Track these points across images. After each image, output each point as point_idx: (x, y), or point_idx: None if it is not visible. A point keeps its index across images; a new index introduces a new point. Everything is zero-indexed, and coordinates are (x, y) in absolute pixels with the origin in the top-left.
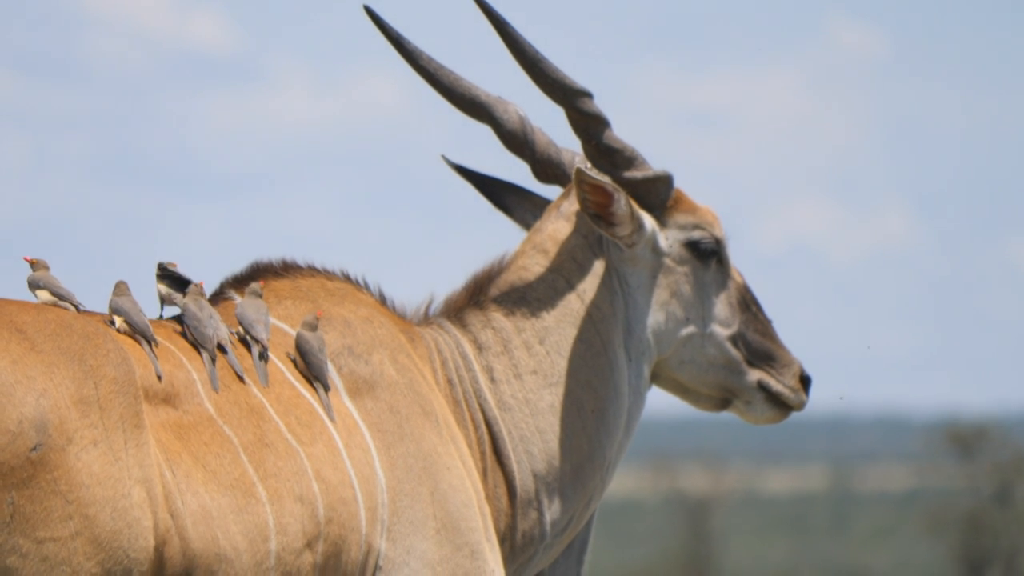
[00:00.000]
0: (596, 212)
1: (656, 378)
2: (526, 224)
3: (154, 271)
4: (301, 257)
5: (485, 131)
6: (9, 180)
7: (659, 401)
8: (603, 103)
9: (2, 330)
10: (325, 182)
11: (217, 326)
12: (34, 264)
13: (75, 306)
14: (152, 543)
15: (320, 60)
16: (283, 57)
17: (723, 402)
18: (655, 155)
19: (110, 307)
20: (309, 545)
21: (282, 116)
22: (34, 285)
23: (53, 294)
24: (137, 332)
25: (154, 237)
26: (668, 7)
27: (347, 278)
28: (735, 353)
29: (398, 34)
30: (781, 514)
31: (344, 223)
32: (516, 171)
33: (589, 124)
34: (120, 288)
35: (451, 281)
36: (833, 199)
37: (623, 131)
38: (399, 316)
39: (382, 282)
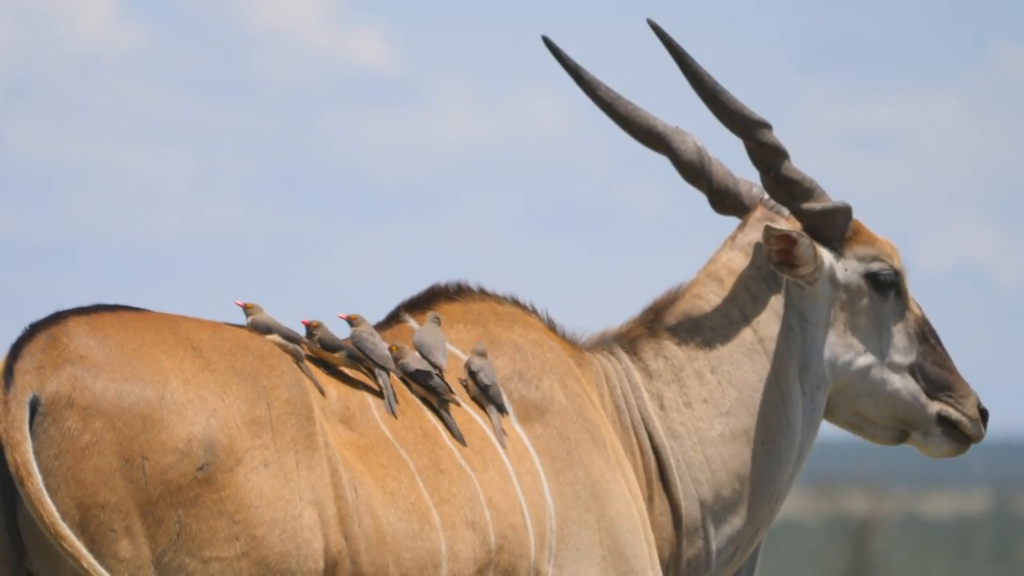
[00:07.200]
0: (780, 259)
1: (831, 413)
2: None
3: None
4: (472, 280)
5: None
6: (178, 199)
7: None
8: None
9: (177, 348)
10: (487, 201)
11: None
12: (248, 308)
13: (302, 343)
14: (321, 566)
15: (481, 78)
16: (445, 75)
17: (900, 435)
18: (818, 179)
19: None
20: (480, 572)
21: (445, 134)
22: (262, 329)
23: (283, 336)
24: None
25: (319, 255)
26: (831, 30)
27: (516, 303)
28: (913, 384)
29: (576, 65)
30: (943, 537)
31: (506, 242)
32: (694, 201)
33: (768, 155)
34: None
35: (612, 303)
36: (999, 221)
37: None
38: (568, 341)
39: (544, 302)
